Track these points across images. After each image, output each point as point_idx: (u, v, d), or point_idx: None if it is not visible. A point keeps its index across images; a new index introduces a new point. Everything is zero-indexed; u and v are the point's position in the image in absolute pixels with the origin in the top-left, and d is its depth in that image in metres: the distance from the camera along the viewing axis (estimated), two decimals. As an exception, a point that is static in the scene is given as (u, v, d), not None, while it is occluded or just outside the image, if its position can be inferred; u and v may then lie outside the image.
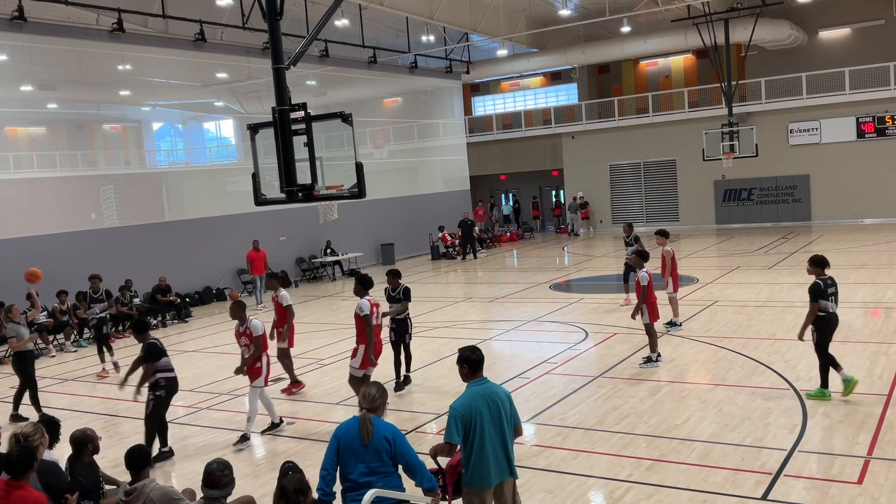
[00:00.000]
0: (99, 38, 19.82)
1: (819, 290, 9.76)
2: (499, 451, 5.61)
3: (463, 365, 5.74)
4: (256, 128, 9.27)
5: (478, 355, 5.75)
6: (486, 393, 5.65)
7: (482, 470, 5.54)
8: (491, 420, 5.57)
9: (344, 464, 5.35)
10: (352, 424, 5.40)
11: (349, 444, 5.34)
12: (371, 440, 5.33)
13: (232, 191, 24.14)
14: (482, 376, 5.75)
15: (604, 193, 35.47)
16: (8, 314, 11.77)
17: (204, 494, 5.43)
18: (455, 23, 27.65)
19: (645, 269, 11.98)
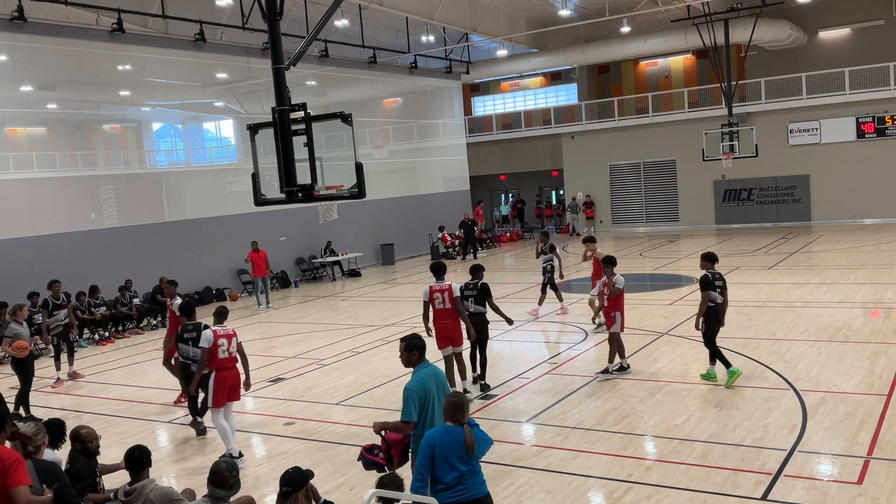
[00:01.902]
0: (99, 38, 19.82)
1: (708, 281, 10.65)
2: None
3: (414, 352, 6.33)
4: (256, 128, 9.26)
5: (423, 342, 6.42)
6: (432, 374, 6.28)
7: None
8: (438, 397, 6.14)
9: (437, 468, 5.42)
10: (446, 435, 5.44)
11: (446, 448, 5.40)
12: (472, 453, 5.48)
13: (232, 191, 24.13)
14: (426, 360, 6.38)
15: (604, 194, 35.47)
16: (14, 314, 11.69)
17: (209, 492, 5.44)
18: (455, 23, 27.65)
19: (618, 275, 11.70)
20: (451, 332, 10.74)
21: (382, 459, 6.33)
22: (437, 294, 10.73)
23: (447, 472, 5.38)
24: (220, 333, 9.42)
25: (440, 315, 10.73)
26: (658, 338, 13.67)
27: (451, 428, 5.44)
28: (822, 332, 13.31)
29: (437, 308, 10.72)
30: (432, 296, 10.74)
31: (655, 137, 33.66)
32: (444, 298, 10.71)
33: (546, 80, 38.45)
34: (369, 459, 6.40)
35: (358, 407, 10.97)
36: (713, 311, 10.63)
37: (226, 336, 9.43)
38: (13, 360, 11.59)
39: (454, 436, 5.41)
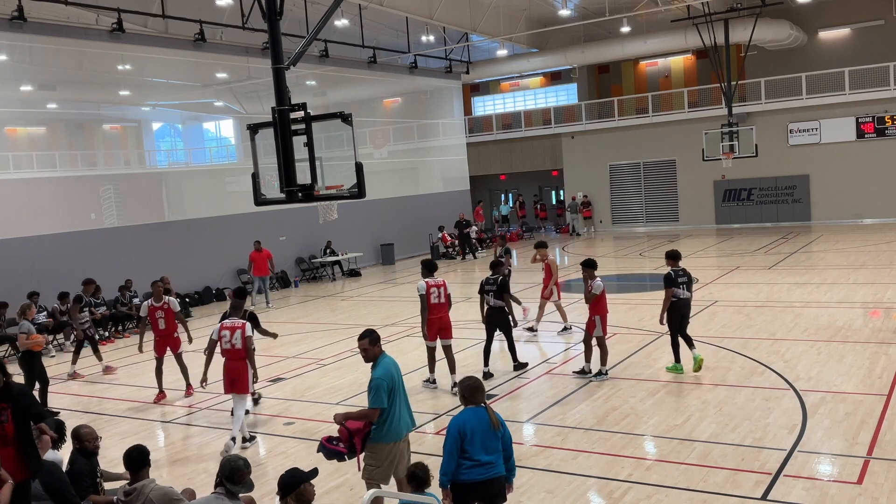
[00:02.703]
0: (99, 38, 19.81)
1: (671, 278, 11.32)
2: (406, 407, 6.76)
3: (376, 345, 6.77)
4: (256, 128, 9.26)
5: (378, 334, 6.90)
6: (392, 362, 6.77)
7: (398, 425, 6.63)
8: (400, 383, 6.70)
9: (465, 451, 5.78)
10: (473, 415, 5.87)
11: (476, 429, 5.80)
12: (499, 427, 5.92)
13: (232, 191, 24.13)
14: (383, 350, 6.83)
15: (603, 193, 35.47)
16: (24, 312, 11.89)
17: (225, 487, 5.48)
18: (455, 23, 27.64)
19: (598, 278, 11.56)
20: (444, 325, 11.30)
21: (343, 448, 6.57)
22: (433, 289, 11.19)
23: (480, 451, 5.78)
24: (225, 325, 9.80)
25: (435, 309, 11.19)
26: (658, 338, 13.67)
27: (474, 409, 5.88)
28: (822, 332, 13.31)
29: (433, 302, 11.17)
30: (429, 290, 11.16)
31: (655, 137, 33.65)
32: (440, 293, 11.21)
33: (546, 80, 38.44)
34: (330, 449, 6.59)
35: (358, 407, 10.95)
36: (676, 305, 11.27)
37: (230, 328, 9.71)
38: (22, 357, 11.71)
39: (478, 416, 5.83)
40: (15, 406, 5.84)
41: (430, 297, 11.16)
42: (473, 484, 5.79)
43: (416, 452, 8.80)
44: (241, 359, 9.64)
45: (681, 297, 11.31)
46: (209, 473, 8.56)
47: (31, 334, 11.57)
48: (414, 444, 9.11)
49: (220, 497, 5.47)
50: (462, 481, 5.79)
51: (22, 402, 5.89)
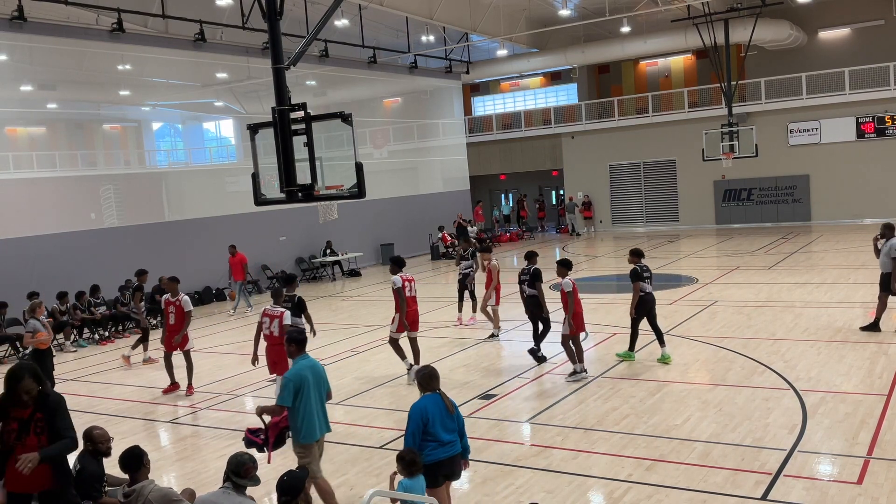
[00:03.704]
0: (99, 38, 19.81)
1: (637, 273, 11.89)
2: (320, 410, 7.05)
3: (291, 345, 7.15)
4: (256, 128, 9.26)
5: (303, 335, 7.33)
6: (309, 365, 7.06)
7: (311, 427, 6.93)
8: (314, 386, 6.96)
9: (429, 433, 6.30)
10: (432, 401, 6.40)
11: (436, 413, 6.35)
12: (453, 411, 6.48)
13: (232, 191, 24.13)
14: (305, 352, 7.17)
15: (603, 193, 35.47)
16: (33, 311, 11.92)
17: (233, 482, 5.58)
18: (455, 23, 27.64)
19: (568, 277, 11.55)
20: (416, 317, 12.08)
21: (261, 440, 6.99)
22: (407, 283, 11.93)
23: (441, 432, 6.34)
24: (266, 312, 10.52)
25: (409, 302, 11.93)
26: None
27: (431, 396, 6.43)
28: (822, 332, 13.31)
29: (408, 296, 11.89)
30: (404, 285, 11.87)
31: (655, 137, 33.66)
32: (412, 287, 12.07)
33: (546, 80, 38.44)
34: (250, 439, 7.01)
35: (358, 407, 10.98)
36: (644, 299, 11.91)
37: (270, 316, 10.37)
38: (33, 354, 11.77)
39: (436, 402, 6.39)
40: (50, 416, 5.62)
41: (405, 290, 11.81)
42: (439, 462, 6.33)
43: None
44: (279, 344, 10.02)
45: (647, 292, 11.95)
46: (209, 473, 8.57)
47: (37, 332, 11.58)
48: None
49: (228, 491, 5.57)
50: (429, 462, 6.26)
51: (55, 414, 5.67)
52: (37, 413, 5.61)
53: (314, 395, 6.95)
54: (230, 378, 13.23)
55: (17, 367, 5.65)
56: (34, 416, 5.59)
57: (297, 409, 6.87)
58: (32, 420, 5.57)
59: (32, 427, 5.56)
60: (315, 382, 6.98)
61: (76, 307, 17.70)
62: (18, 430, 5.55)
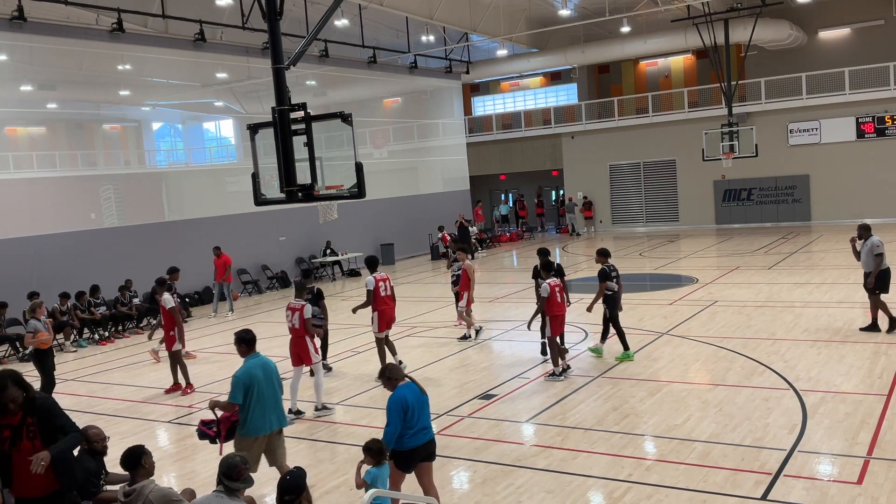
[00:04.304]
0: (99, 38, 19.81)
1: (605, 273, 12.25)
2: (271, 406, 7.28)
3: (241, 345, 7.47)
4: (256, 128, 9.26)
5: (251, 335, 7.56)
6: (260, 363, 7.35)
7: (259, 421, 7.21)
8: (265, 384, 7.23)
9: (411, 417, 6.57)
10: (409, 390, 6.66)
11: (415, 402, 6.62)
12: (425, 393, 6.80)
13: (232, 191, 24.13)
14: (256, 351, 7.47)
15: (604, 193, 35.47)
16: (34, 311, 11.92)
17: (225, 485, 5.47)
18: (455, 23, 27.64)
19: (547, 281, 11.65)
20: (391, 316, 12.33)
21: (214, 432, 7.29)
22: (381, 283, 12.20)
23: (421, 418, 6.65)
24: (289, 305, 10.85)
25: (384, 301, 12.19)
26: (658, 338, 13.68)
27: (406, 385, 6.70)
28: (822, 332, 13.31)
29: (381, 295, 12.18)
30: (377, 285, 12.15)
31: (655, 137, 33.66)
32: (387, 286, 12.29)
33: (546, 80, 38.44)
34: (203, 431, 7.35)
35: (358, 407, 10.98)
36: (612, 298, 12.26)
37: (292, 309, 10.69)
38: (34, 354, 11.79)
39: (412, 390, 6.67)
40: (41, 419, 5.61)
41: (378, 291, 12.13)
42: (417, 448, 6.64)
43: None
44: (301, 337, 10.54)
45: (614, 290, 12.29)
46: (208, 473, 8.56)
47: (37, 332, 11.58)
48: (414, 444, 9.14)
49: (220, 495, 5.47)
50: (407, 448, 6.57)
51: (47, 415, 5.65)
52: (27, 418, 5.59)
53: (266, 392, 7.22)
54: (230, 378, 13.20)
55: (0, 377, 5.56)
56: (25, 421, 5.57)
57: (247, 405, 7.17)
58: (24, 425, 5.56)
59: (25, 432, 5.55)
60: (266, 380, 7.26)
61: (76, 307, 17.70)
62: (11, 437, 5.55)
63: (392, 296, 12.38)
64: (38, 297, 15.31)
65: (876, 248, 12.81)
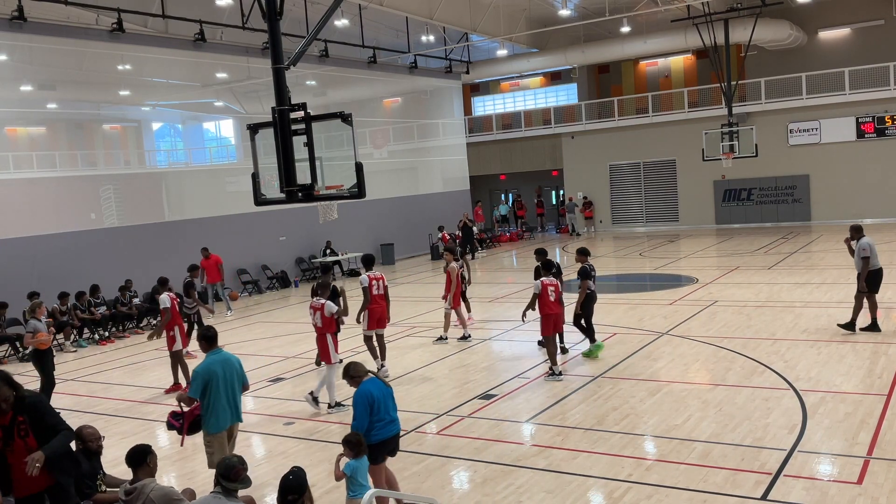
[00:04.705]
0: (99, 38, 19.81)
1: (586, 272, 12.58)
2: (230, 402, 7.55)
3: (202, 341, 7.73)
4: (256, 128, 9.26)
5: (212, 332, 7.83)
6: (220, 360, 7.58)
7: (219, 417, 7.47)
8: (224, 379, 7.47)
9: (378, 410, 6.84)
10: (374, 385, 6.94)
11: (380, 395, 6.89)
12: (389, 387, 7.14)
13: (232, 191, 24.12)
14: (217, 347, 7.72)
15: (604, 193, 35.46)
16: (34, 311, 11.93)
17: (222, 486, 5.47)
18: (455, 23, 27.64)
19: (541, 279, 11.71)
20: (383, 315, 12.43)
21: (179, 424, 7.67)
22: (374, 282, 12.44)
23: (388, 411, 6.93)
24: (311, 305, 11.16)
25: (376, 299, 12.37)
26: (658, 338, 13.68)
27: (370, 381, 6.97)
28: (822, 332, 13.31)
29: (374, 294, 12.36)
30: (371, 283, 12.38)
31: (655, 137, 33.66)
32: (380, 285, 12.49)
33: (546, 79, 38.44)
34: (170, 422, 7.74)
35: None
36: (589, 296, 12.56)
37: (314, 308, 10.99)
38: (34, 354, 11.78)
39: (377, 384, 6.96)
40: (32, 418, 5.66)
41: (371, 289, 12.32)
42: (385, 441, 6.90)
43: (416, 453, 8.84)
44: (323, 335, 10.81)
45: (592, 289, 12.63)
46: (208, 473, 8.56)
47: (37, 333, 11.58)
48: (414, 443, 9.16)
49: (218, 496, 5.47)
50: (375, 441, 6.77)
51: (37, 414, 5.71)
52: (18, 416, 5.62)
53: (224, 387, 7.48)
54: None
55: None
56: (16, 420, 5.61)
57: (206, 401, 7.44)
58: (15, 425, 5.60)
59: (16, 431, 5.59)
60: (225, 376, 7.49)
61: (76, 307, 17.70)
62: (3, 436, 5.59)
63: (384, 295, 12.49)
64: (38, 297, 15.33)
65: (862, 251, 12.84)
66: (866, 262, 12.77)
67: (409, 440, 9.34)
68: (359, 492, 6.39)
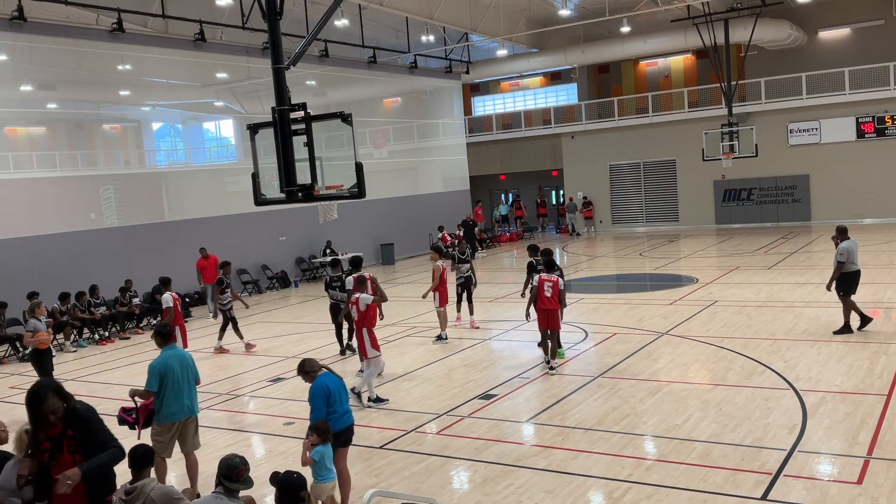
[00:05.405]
0: (99, 38, 19.81)
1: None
2: (185, 395, 7.81)
3: (157, 337, 8.00)
4: (256, 128, 9.26)
5: (167, 329, 8.09)
6: (175, 355, 7.89)
7: (172, 408, 7.72)
8: (180, 373, 7.76)
9: (332, 406, 7.20)
10: (328, 378, 7.33)
11: (335, 388, 7.28)
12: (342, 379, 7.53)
13: (232, 191, 24.12)
14: (172, 343, 8.03)
15: (604, 193, 35.46)
16: (33, 311, 11.95)
17: (224, 486, 5.45)
18: (455, 23, 27.64)
19: (539, 275, 12.13)
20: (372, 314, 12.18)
21: (133, 419, 7.81)
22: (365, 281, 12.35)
23: (343, 404, 7.32)
24: (352, 300, 11.49)
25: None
26: (658, 338, 13.68)
27: (325, 375, 7.33)
28: (822, 332, 13.32)
29: None
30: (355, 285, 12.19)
31: (655, 137, 33.65)
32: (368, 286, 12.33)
33: (546, 79, 38.43)
34: (123, 417, 7.85)
35: (358, 406, 10.97)
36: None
37: (353, 302, 11.23)
38: (33, 354, 11.79)
39: (331, 378, 7.32)
40: (83, 433, 5.15)
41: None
42: (340, 432, 7.19)
43: (416, 453, 8.84)
44: (360, 329, 10.94)
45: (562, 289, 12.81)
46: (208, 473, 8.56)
47: (37, 332, 11.59)
48: (414, 443, 9.16)
49: (219, 496, 5.46)
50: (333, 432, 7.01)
51: (88, 428, 5.20)
52: (68, 430, 5.15)
53: (179, 381, 7.73)
54: (230, 378, 13.24)
55: (40, 387, 5.16)
56: (65, 433, 5.14)
57: (162, 393, 7.70)
58: (64, 438, 5.13)
59: (66, 445, 5.13)
60: (182, 370, 7.77)
61: (76, 307, 17.70)
62: (51, 449, 5.14)
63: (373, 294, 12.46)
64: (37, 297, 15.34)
65: (839, 255, 12.92)
66: (839, 267, 12.86)
67: (409, 440, 9.35)
68: (326, 476, 6.77)
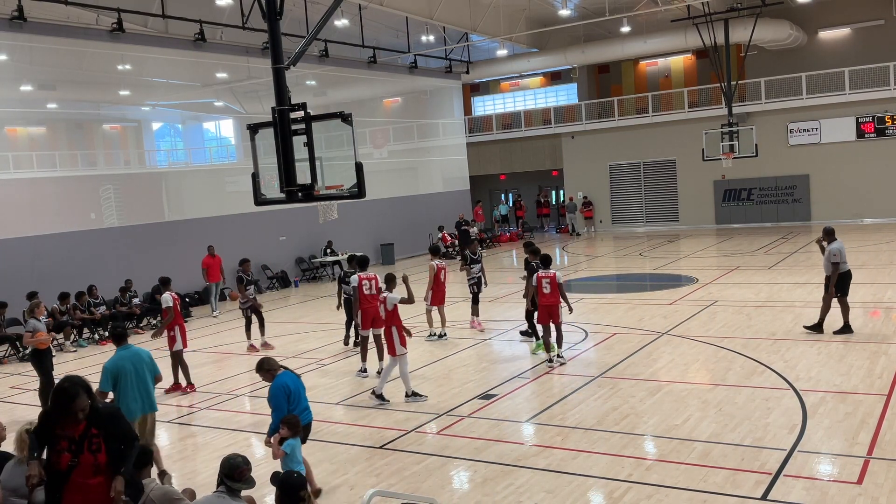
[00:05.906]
0: (99, 38, 19.82)
1: (533, 269, 13.01)
2: (141, 393, 8.16)
3: (111, 338, 8.54)
4: (256, 128, 9.27)
5: (121, 330, 8.58)
6: (128, 354, 8.24)
7: (129, 406, 7.97)
8: (134, 372, 8.13)
9: (294, 400, 7.47)
10: (288, 377, 7.58)
11: (295, 387, 7.56)
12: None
13: (232, 191, 24.12)
14: (127, 343, 8.42)
15: (604, 193, 35.46)
16: (32, 311, 11.96)
17: (227, 485, 5.46)
18: (455, 23, 27.64)
19: (537, 273, 12.56)
20: (376, 315, 12.19)
21: None
22: (365, 282, 12.57)
23: (302, 400, 7.62)
24: (363, 276, 12.23)
25: (367, 300, 12.51)
26: (658, 338, 13.68)
27: (284, 373, 7.59)
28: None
29: (365, 294, 12.52)
30: (361, 283, 12.54)
31: (655, 137, 33.65)
32: (371, 286, 12.64)
33: (546, 79, 38.43)
34: None
35: (358, 407, 10.97)
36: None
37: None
38: (33, 354, 11.80)
39: (290, 376, 7.60)
40: (106, 432, 5.15)
41: (362, 290, 12.49)
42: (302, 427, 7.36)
43: (416, 453, 8.84)
44: (388, 327, 10.86)
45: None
46: (209, 473, 8.56)
47: (36, 332, 11.59)
48: (414, 443, 9.16)
49: (222, 496, 5.47)
50: None
51: (112, 427, 5.24)
52: (91, 429, 5.10)
53: (133, 379, 8.10)
54: (230, 378, 13.23)
55: (70, 384, 5.09)
56: (88, 432, 5.08)
57: (116, 393, 8.05)
58: (87, 437, 5.07)
59: (87, 445, 5.06)
60: (136, 370, 8.11)
61: (76, 307, 17.70)
62: (70, 449, 5.06)
63: (377, 295, 12.41)
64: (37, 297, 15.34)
65: (833, 256, 12.85)
66: (835, 268, 12.83)
67: (409, 440, 9.35)
68: (297, 468, 6.88)
